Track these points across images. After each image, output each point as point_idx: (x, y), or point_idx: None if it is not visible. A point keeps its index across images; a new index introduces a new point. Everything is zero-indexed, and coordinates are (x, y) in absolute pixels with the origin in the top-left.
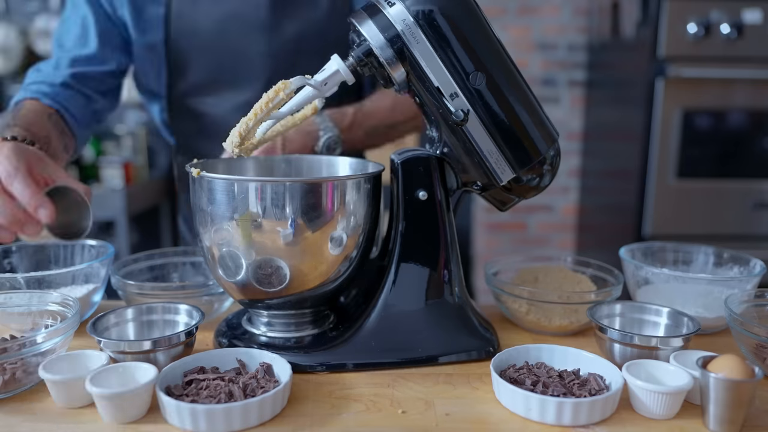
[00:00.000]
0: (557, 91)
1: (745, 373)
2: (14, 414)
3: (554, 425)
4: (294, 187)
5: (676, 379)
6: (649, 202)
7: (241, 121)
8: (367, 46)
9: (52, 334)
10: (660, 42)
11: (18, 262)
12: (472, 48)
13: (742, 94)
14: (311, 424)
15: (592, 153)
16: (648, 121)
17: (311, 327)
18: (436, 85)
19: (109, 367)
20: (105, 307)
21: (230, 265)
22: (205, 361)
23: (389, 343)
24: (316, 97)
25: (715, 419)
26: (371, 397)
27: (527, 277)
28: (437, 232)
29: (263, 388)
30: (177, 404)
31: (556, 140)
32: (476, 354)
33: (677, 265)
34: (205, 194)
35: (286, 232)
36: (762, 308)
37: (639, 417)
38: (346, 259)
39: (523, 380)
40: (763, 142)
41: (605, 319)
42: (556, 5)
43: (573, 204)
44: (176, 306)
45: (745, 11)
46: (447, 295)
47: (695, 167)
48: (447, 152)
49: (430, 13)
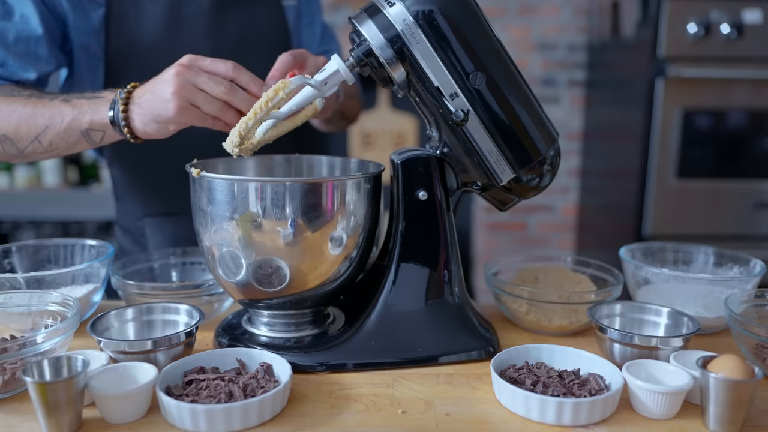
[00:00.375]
0: (557, 91)
1: (745, 373)
2: (14, 414)
3: (554, 425)
4: (294, 187)
5: (676, 379)
6: (649, 202)
7: (241, 120)
8: (367, 46)
9: (52, 334)
10: (660, 42)
11: (18, 262)
12: (472, 48)
13: (742, 94)
14: (311, 424)
15: (592, 153)
16: (648, 121)
17: (311, 327)
18: (436, 85)
19: (109, 367)
20: (105, 307)
21: (230, 265)
22: (205, 361)
23: (389, 343)
24: (316, 97)
25: (715, 419)
26: (371, 397)
27: (527, 277)
28: (437, 232)
29: (263, 388)
30: (177, 404)
31: (556, 140)
32: (476, 354)
33: (677, 265)
34: (205, 194)
35: (286, 232)
36: (762, 308)
37: (639, 417)
38: (346, 259)
39: (523, 380)
40: (763, 142)
41: (605, 319)
42: (556, 5)
43: (573, 204)
44: (176, 306)
45: (745, 11)
46: (447, 295)
47: (695, 167)
48: (447, 152)
49: (430, 13)
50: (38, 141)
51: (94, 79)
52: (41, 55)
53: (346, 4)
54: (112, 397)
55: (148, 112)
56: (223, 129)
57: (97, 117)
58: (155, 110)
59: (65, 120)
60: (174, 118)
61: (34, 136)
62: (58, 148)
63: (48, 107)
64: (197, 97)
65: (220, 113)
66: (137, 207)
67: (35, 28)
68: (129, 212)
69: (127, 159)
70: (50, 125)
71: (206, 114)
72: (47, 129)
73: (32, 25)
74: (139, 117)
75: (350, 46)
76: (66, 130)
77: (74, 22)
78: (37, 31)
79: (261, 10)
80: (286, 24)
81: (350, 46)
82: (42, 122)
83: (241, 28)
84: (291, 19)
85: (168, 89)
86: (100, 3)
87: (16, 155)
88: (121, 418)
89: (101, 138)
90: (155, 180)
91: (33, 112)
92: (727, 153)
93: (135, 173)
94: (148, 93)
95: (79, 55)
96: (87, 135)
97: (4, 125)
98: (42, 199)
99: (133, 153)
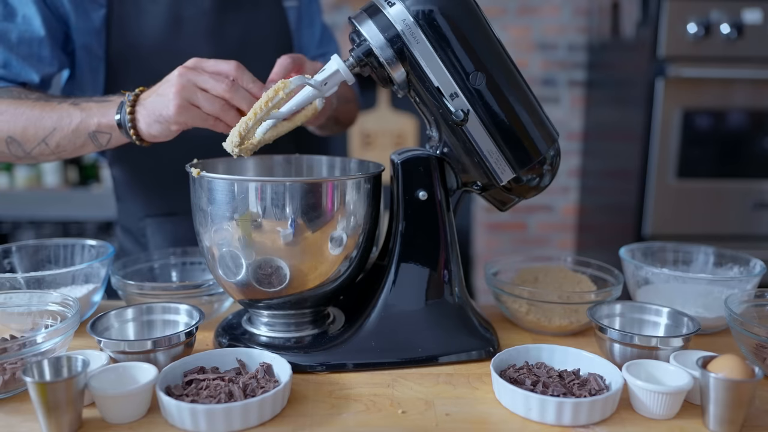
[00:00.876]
0: (557, 91)
1: (745, 373)
2: (14, 414)
3: (554, 425)
4: (294, 187)
5: (676, 379)
6: (649, 202)
7: (241, 120)
8: (367, 46)
9: (52, 334)
10: (660, 42)
11: (18, 262)
12: (472, 48)
13: (742, 94)
14: (311, 424)
15: (592, 153)
16: (648, 121)
17: (311, 327)
18: (436, 85)
19: (109, 367)
20: (105, 307)
21: (230, 265)
22: (205, 361)
23: (389, 343)
24: (316, 97)
25: (715, 419)
26: (371, 397)
27: (527, 277)
28: (437, 232)
29: (263, 388)
30: (177, 404)
31: (556, 140)
32: (476, 354)
33: (677, 265)
34: (205, 194)
35: (286, 232)
36: (762, 308)
37: (639, 417)
38: (346, 259)
39: (523, 380)
40: (763, 142)
41: (605, 319)
42: (556, 5)
43: (573, 204)
44: (176, 306)
45: (745, 11)
46: (447, 295)
47: (695, 167)
48: (447, 152)
49: (430, 13)
50: (45, 143)
51: (95, 80)
52: (44, 57)
53: (346, 4)
54: (112, 397)
55: (151, 113)
56: (224, 131)
57: (105, 119)
58: (157, 110)
59: (73, 122)
60: (175, 117)
61: (41, 138)
62: (65, 150)
63: (56, 110)
64: (198, 96)
65: (221, 113)
66: (138, 207)
67: (38, 30)
68: (130, 212)
69: (127, 159)
70: (58, 127)
71: (207, 114)
72: (55, 131)
73: (35, 26)
74: (144, 118)
75: (350, 47)
76: (74, 132)
77: (76, 23)
78: (39, 32)
79: (262, 12)
80: (287, 26)
81: (350, 46)
82: (50, 124)
83: (242, 30)
84: (292, 21)
85: (171, 89)
86: (101, 4)
87: (23, 157)
88: (121, 418)
89: (108, 140)
90: (156, 180)
91: (41, 115)
92: (727, 153)
93: (136, 174)
94: (153, 94)
95: (81, 55)
96: (94, 137)
97: (11, 127)
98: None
99: (133, 154)
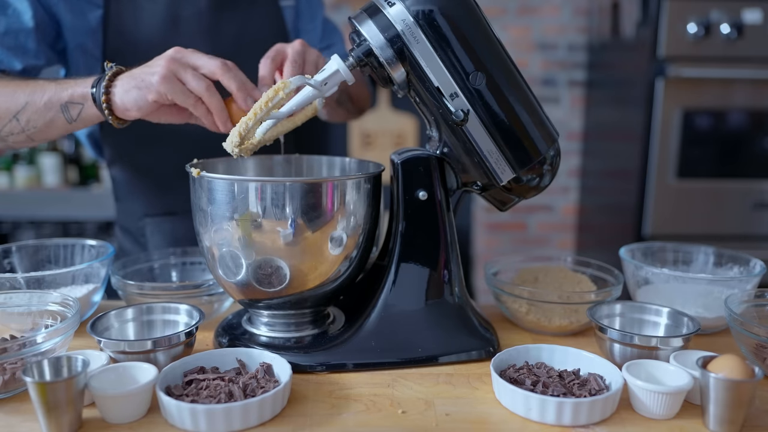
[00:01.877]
0: (557, 91)
1: (745, 373)
2: (14, 414)
3: (554, 425)
4: (294, 187)
5: (676, 379)
6: (648, 202)
7: (241, 120)
8: (367, 46)
9: (52, 334)
10: (660, 42)
11: (18, 262)
12: (472, 48)
13: (742, 94)
14: (311, 424)
15: (592, 153)
16: (648, 121)
17: (311, 327)
18: (436, 85)
19: (109, 367)
20: (105, 307)
21: (230, 265)
22: (205, 361)
23: (389, 343)
24: (316, 97)
25: (715, 419)
26: (371, 397)
27: (527, 277)
28: (437, 232)
29: (263, 388)
30: (177, 404)
31: (556, 140)
32: (476, 354)
33: (677, 265)
34: (205, 194)
35: (286, 232)
36: (762, 308)
37: (639, 417)
38: (346, 259)
39: (523, 380)
40: (763, 142)
41: (605, 319)
42: (556, 5)
43: (573, 204)
44: (176, 306)
45: (745, 11)
46: (447, 295)
47: (695, 167)
48: (447, 152)
49: (430, 13)
50: (16, 119)
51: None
52: (29, 49)
53: (346, 4)
54: (112, 397)
55: (132, 80)
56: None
57: (79, 89)
58: (141, 76)
59: (46, 95)
60: (156, 85)
61: (12, 114)
62: (34, 127)
63: (30, 85)
64: (186, 71)
65: (205, 93)
66: (137, 207)
67: (26, 23)
68: (129, 212)
69: (127, 159)
70: (30, 101)
71: (190, 92)
72: (27, 105)
73: (24, 19)
74: (123, 85)
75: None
76: (45, 105)
77: (71, 23)
78: (28, 24)
79: (259, 11)
80: (284, 25)
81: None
82: (22, 99)
83: (238, 29)
84: (289, 20)
85: (161, 60)
86: (97, 4)
87: None
88: (121, 418)
89: (78, 113)
90: (155, 180)
91: (14, 90)
92: (727, 153)
93: (135, 173)
94: (143, 66)
95: (77, 55)
96: (65, 108)
97: None
98: (42, 199)
99: (133, 153)
